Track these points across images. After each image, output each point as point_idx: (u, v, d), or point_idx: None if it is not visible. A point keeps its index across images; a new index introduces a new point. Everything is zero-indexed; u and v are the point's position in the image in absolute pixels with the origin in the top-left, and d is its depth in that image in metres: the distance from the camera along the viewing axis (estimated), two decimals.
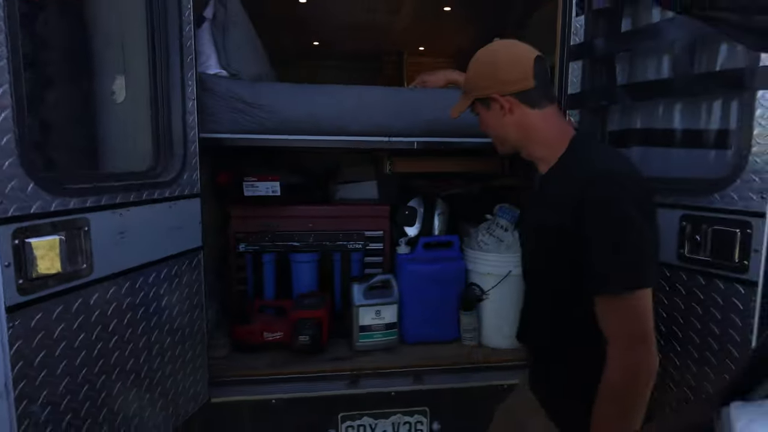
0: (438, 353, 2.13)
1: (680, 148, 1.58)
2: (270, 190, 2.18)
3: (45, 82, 1.47)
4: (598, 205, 1.06)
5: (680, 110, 1.60)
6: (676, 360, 1.49)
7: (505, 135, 1.30)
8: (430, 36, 3.60)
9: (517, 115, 1.25)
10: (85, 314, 1.23)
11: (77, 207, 1.18)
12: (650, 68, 1.66)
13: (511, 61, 1.24)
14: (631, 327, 1.05)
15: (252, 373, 1.95)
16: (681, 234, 1.45)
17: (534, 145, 1.28)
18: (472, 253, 2.20)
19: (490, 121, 1.31)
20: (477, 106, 1.33)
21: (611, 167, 1.11)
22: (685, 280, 1.46)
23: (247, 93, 1.83)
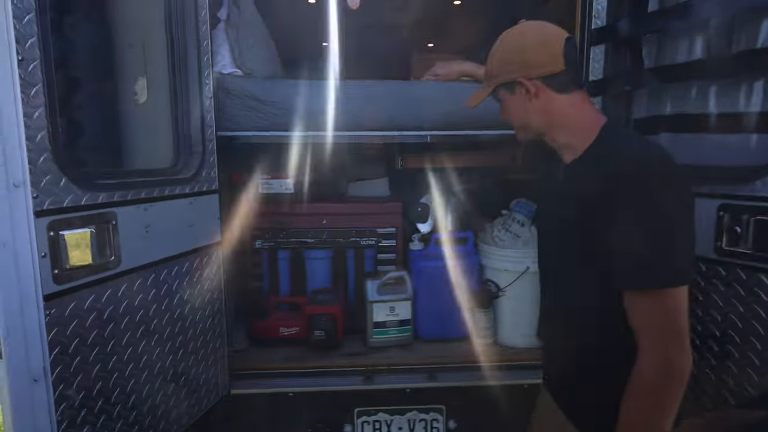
0: (453, 351, 2.13)
1: (716, 133, 1.50)
2: (284, 188, 2.22)
3: (73, 83, 1.53)
4: (633, 197, 1.02)
5: (716, 93, 1.51)
6: (713, 360, 1.42)
7: (528, 121, 1.25)
8: (440, 31, 3.59)
9: (542, 99, 1.20)
10: (114, 304, 1.28)
11: (106, 201, 1.23)
12: (681, 50, 1.58)
13: (540, 43, 1.19)
14: (665, 324, 1.02)
15: (270, 366, 1.99)
16: (718, 225, 1.36)
17: (559, 132, 1.22)
18: (488, 248, 2.21)
19: (514, 107, 1.25)
20: (500, 92, 1.27)
21: (647, 156, 1.07)
22: (723, 275, 1.37)
23: (260, 91, 1.87)
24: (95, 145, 1.57)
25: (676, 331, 1.02)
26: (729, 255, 1.35)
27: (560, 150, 1.26)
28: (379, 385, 1.95)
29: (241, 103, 1.88)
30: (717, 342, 1.41)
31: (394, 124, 1.96)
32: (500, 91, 1.27)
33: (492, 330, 2.20)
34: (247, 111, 1.88)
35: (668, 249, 1.01)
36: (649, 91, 1.70)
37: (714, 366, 1.43)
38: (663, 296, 1.02)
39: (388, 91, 1.96)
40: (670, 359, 1.01)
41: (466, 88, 1.98)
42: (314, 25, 3.31)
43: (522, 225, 2.18)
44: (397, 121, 1.96)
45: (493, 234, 2.23)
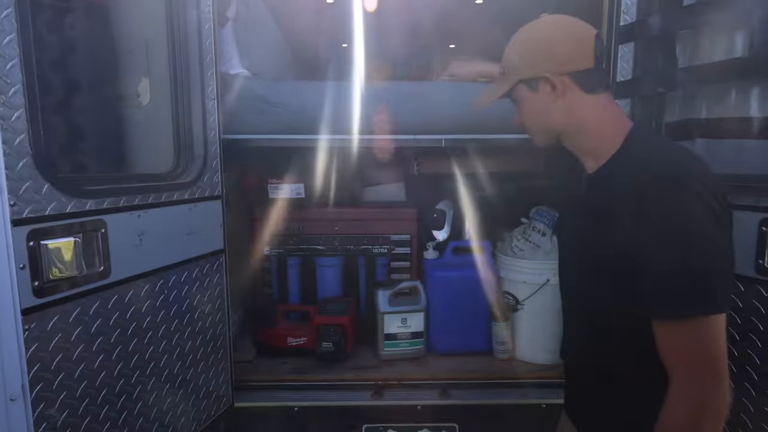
0: (468, 366, 2.04)
1: (758, 139, 1.39)
2: (294, 192, 2.15)
3: (71, 85, 1.48)
4: (664, 214, 0.91)
5: (758, 95, 1.40)
6: (753, 391, 1.30)
7: (551, 123, 1.13)
8: (461, 33, 3.50)
9: (569, 99, 1.09)
10: (103, 317, 1.21)
11: (94, 208, 1.17)
12: (719, 47, 1.47)
13: (570, 37, 1.09)
14: (699, 357, 0.91)
15: (275, 378, 1.93)
16: (760, 241, 1.25)
17: (583, 137, 1.12)
18: (506, 259, 2.09)
19: (536, 106, 1.13)
20: (520, 89, 1.14)
21: (680, 168, 0.95)
22: (765, 296, 1.26)
23: (268, 92, 1.80)
24: (92, 149, 1.52)
25: (711, 364, 0.91)
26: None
27: (582, 156, 1.15)
28: (389, 401, 1.86)
29: (248, 105, 1.81)
30: (757, 371, 1.29)
31: (407, 128, 1.86)
32: (520, 88, 1.14)
33: (509, 345, 2.09)
34: (254, 113, 1.82)
35: (703, 272, 0.90)
36: (683, 92, 1.57)
37: (753, 398, 1.30)
38: (697, 325, 0.90)
39: (401, 93, 1.86)
40: (705, 396, 0.90)
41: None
42: (330, 25, 3.25)
43: (542, 234, 2.05)
44: (411, 124, 1.86)
45: (512, 244, 2.11)
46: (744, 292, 1.30)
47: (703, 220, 0.90)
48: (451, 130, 1.89)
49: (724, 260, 0.93)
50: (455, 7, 2.95)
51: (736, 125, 1.43)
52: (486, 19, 3.14)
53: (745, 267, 1.27)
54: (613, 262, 1.01)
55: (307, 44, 3.64)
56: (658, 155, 1.00)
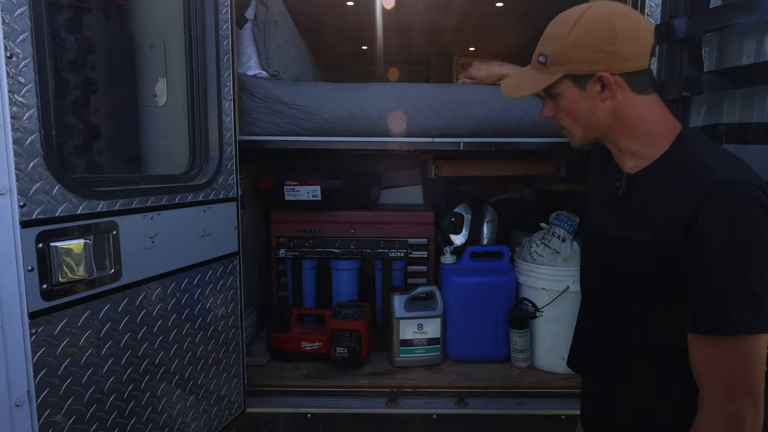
0: (485, 374, 1.98)
1: None
2: (311, 195, 2.12)
3: (89, 85, 1.47)
4: (723, 225, 0.85)
5: None
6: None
7: (594, 123, 1.05)
8: (481, 35, 3.45)
9: (618, 100, 1.01)
10: (113, 321, 1.19)
11: (106, 210, 1.15)
12: (748, 50, 1.41)
13: (633, 32, 0.98)
14: (739, 376, 0.86)
15: (288, 384, 1.90)
16: None
17: (628, 137, 1.04)
18: (525, 265, 2.03)
19: (580, 105, 1.04)
20: (563, 84, 1.04)
21: (743, 176, 0.88)
22: None
23: (285, 94, 1.77)
24: (107, 150, 1.51)
25: (750, 383, 0.85)
26: None
27: (622, 156, 1.08)
28: (404, 410, 1.81)
29: (265, 107, 1.78)
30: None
31: (426, 130, 1.82)
32: (564, 83, 1.04)
33: (528, 353, 2.02)
34: (271, 114, 1.79)
35: (756, 288, 0.84)
36: (709, 96, 1.51)
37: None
38: (743, 343, 0.85)
39: (420, 95, 1.82)
40: (741, 418, 0.85)
41: None
42: (349, 27, 3.23)
43: (563, 240, 1.99)
44: (429, 126, 1.81)
45: (531, 249, 2.05)
46: None
47: (765, 232, 0.84)
48: (469, 134, 1.83)
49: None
50: (475, 9, 2.90)
51: (764, 130, 1.37)
52: (506, 21, 3.09)
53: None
54: (654, 269, 0.95)
55: (326, 46, 3.63)
56: (716, 160, 0.93)
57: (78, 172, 1.36)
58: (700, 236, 0.87)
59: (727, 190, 0.86)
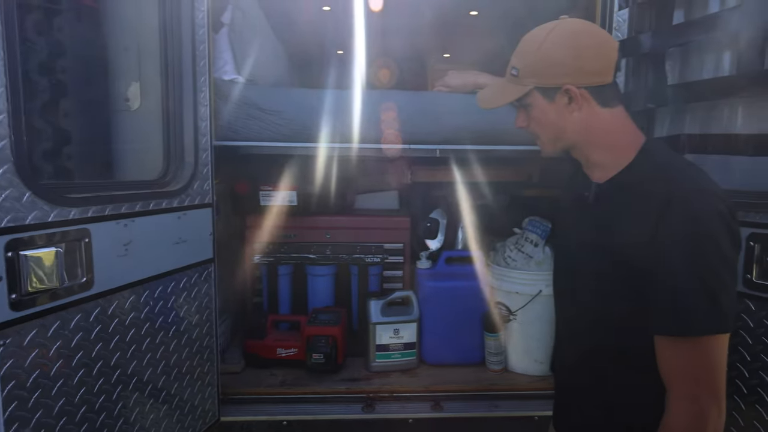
0: (460, 377, 2.00)
1: (747, 155, 1.41)
2: (287, 200, 2.11)
3: (60, 89, 1.44)
4: (684, 231, 0.90)
5: (745, 112, 1.43)
6: (742, 404, 1.32)
7: (562, 134, 1.10)
8: (456, 42, 3.50)
9: (584, 112, 1.06)
10: (84, 331, 1.16)
11: (78, 217, 1.12)
12: (707, 65, 1.51)
13: (599, 48, 1.04)
14: (702, 376, 0.91)
15: (263, 391, 1.88)
16: (748, 256, 1.28)
17: (595, 149, 1.09)
18: (498, 269, 2.07)
19: (548, 117, 1.09)
20: (533, 96, 1.09)
21: (703, 186, 0.94)
22: (753, 310, 1.28)
23: (261, 99, 1.76)
24: (79, 156, 1.47)
25: (713, 383, 0.90)
26: (759, 289, 1.27)
27: (590, 167, 1.13)
28: (380, 414, 1.82)
29: (242, 112, 1.77)
30: (745, 383, 1.31)
31: (402, 136, 1.83)
32: (534, 94, 1.09)
33: (502, 356, 2.06)
34: (247, 120, 1.78)
35: (719, 291, 0.89)
36: (672, 109, 1.59)
37: (743, 411, 1.32)
38: (706, 343, 0.90)
39: (397, 102, 1.83)
40: (705, 416, 0.90)
41: None
42: (326, 32, 3.23)
43: (535, 245, 2.03)
44: (406, 133, 1.83)
45: (505, 254, 2.09)
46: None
47: (723, 240, 0.89)
48: (445, 141, 1.86)
49: (735, 281, 0.93)
50: (450, 17, 2.95)
51: (724, 141, 1.46)
52: (480, 29, 3.15)
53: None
54: (621, 274, 0.99)
55: (303, 51, 3.62)
56: (679, 170, 0.99)
57: (48, 179, 1.33)
58: (663, 242, 0.91)
59: (689, 198, 0.91)
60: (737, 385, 1.32)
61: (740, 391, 1.32)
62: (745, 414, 1.31)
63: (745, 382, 1.30)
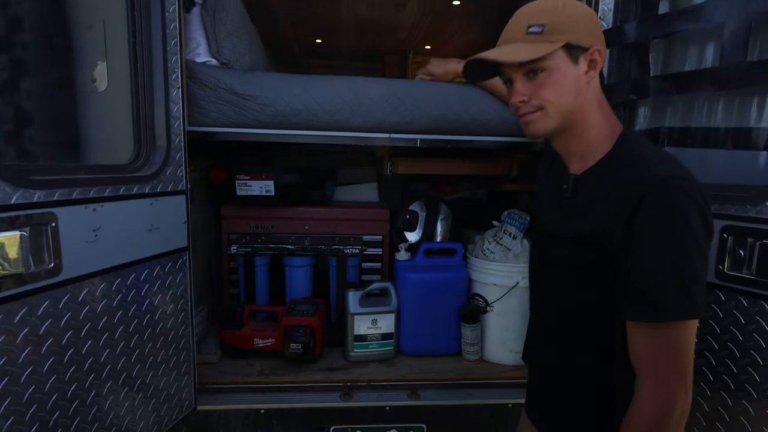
0: (437, 367, 2.02)
1: (724, 149, 1.41)
2: (264, 190, 2.08)
3: (20, 67, 1.38)
4: (660, 219, 0.90)
5: (725, 106, 1.44)
6: (708, 390, 1.35)
7: (573, 106, 1.02)
8: (438, 33, 3.49)
9: (592, 86, 1.03)
10: (53, 318, 1.13)
11: (43, 200, 1.08)
12: (691, 57, 1.50)
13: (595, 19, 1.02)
14: (670, 361, 0.92)
15: (240, 380, 1.86)
16: (721, 248, 1.29)
17: (588, 132, 1.05)
18: (477, 261, 2.08)
19: (568, 82, 1.00)
20: (556, 57, 0.99)
21: (676, 174, 0.93)
22: (723, 300, 1.30)
23: (237, 83, 1.72)
24: (43, 138, 1.42)
25: (681, 368, 0.92)
26: (730, 280, 1.29)
27: (569, 156, 1.12)
28: (358, 403, 1.82)
29: (216, 96, 1.73)
30: (712, 371, 1.34)
31: (382, 126, 1.82)
32: (559, 55, 0.99)
33: (478, 346, 2.08)
34: (222, 105, 1.74)
35: (687, 279, 0.90)
36: (654, 100, 1.59)
37: (708, 397, 1.35)
38: (673, 330, 0.91)
39: (377, 90, 1.82)
40: (673, 398, 0.92)
41: (463, 90, 1.86)
42: (304, 19, 3.19)
43: (513, 238, 2.05)
44: (386, 122, 1.82)
45: (483, 246, 2.11)
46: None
47: (698, 229, 0.90)
48: (426, 130, 1.86)
49: (706, 269, 0.94)
50: (432, 7, 2.93)
51: (702, 135, 1.47)
52: (463, 20, 3.14)
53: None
54: (593, 262, 1.00)
55: (279, 38, 3.57)
56: (656, 160, 0.98)
57: (10, 160, 1.27)
58: (638, 229, 0.92)
59: (666, 186, 0.91)
60: (704, 373, 1.35)
61: (707, 378, 1.35)
62: (710, 400, 1.35)
63: (712, 369, 1.34)
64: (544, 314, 1.23)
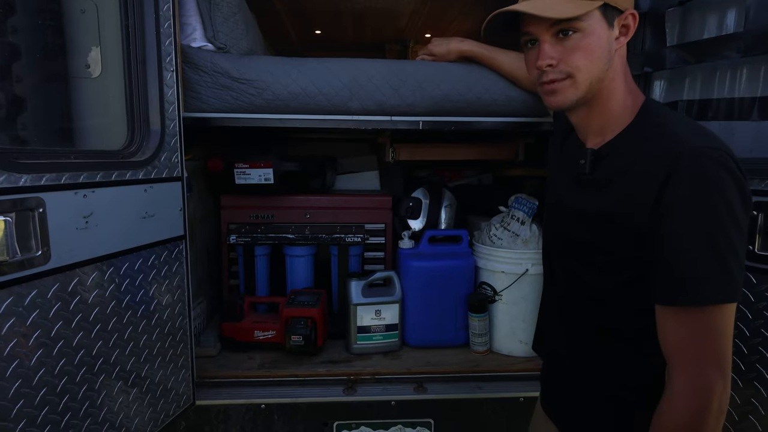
0: (443, 359, 1.96)
1: (750, 120, 1.33)
2: (263, 178, 2.03)
3: (12, 52, 1.32)
4: (694, 192, 0.82)
5: (750, 73, 1.34)
6: (739, 381, 1.27)
7: (603, 73, 0.95)
8: (438, 21, 3.43)
9: (620, 54, 0.97)
10: (41, 308, 1.08)
11: (30, 185, 1.03)
12: (710, 24, 1.41)
13: None
14: (708, 349, 0.84)
15: (240, 374, 1.81)
16: (751, 226, 1.19)
17: (611, 103, 0.98)
18: (484, 248, 2.02)
19: (602, 47, 0.93)
20: (592, 17, 0.92)
21: (709, 143, 0.84)
22: (755, 283, 1.21)
23: (234, 67, 1.66)
24: (35, 126, 1.36)
25: (720, 357, 0.84)
26: (763, 261, 1.19)
27: (587, 131, 1.04)
28: (362, 397, 1.77)
29: (212, 81, 1.67)
30: (743, 360, 1.26)
31: (383, 108, 1.76)
32: (595, 16, 0.92)
33: (487, 337, 2.02)
34: (218, 89, 1.68)
35: (727, 258, 0.82)
36: (671, 72, 1.52)
37: (741, 388, 1.27)
38: (712, 314, 0.83)
39: (377, 71, 1.75)
40: (710, 391, 0.83)
41: (466, 69, 1.80)
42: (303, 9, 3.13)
43: (522, 223, 1.99)
44: (387, 104, 1.76)
45: (490, 233, 2.04)
46: None
47: (735, 202, 0.82)
48: (429, 112, 1.79)
49: (745, 246, 0.86)
50: None
51: (726, 106, 1.39)
52: (463, 6, 3.08)
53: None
54: (620, 243, 0.93)
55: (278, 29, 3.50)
56: (684, 128, 0.89)
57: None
58: (670, 204, 0.84)
59: (699, 156, 0.83)
60: (735, 362, 1.26)
61: (738, 368, 1.26)
62: (742, 392, 1.27)
63: (743, 358, 1.26)
64: (559, 299, 1.16)
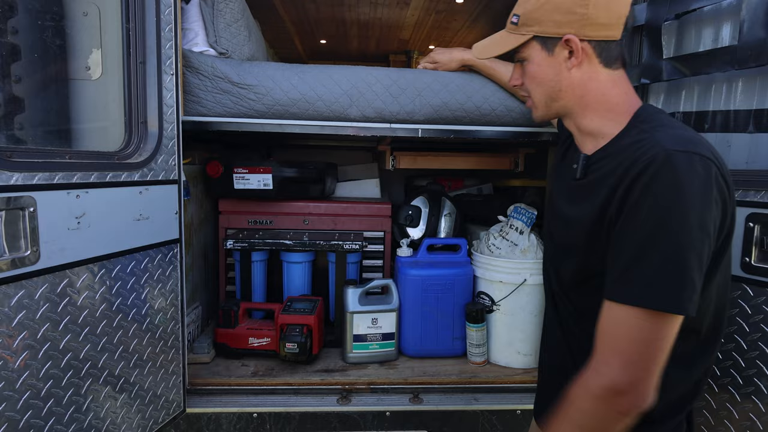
0: (440, 370, 1.93)
1: (746, 132, 1.32)
2: (262, 184, 2.01)
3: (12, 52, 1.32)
4: (663, 196, 0.80)
5: (746, 86, 1.35)
6: (738, 396, 1.25)
7: (558, 93, 1.00)
8: (441, 32, 3.44)
9: (584, 70, 0.97)
10: (28, 309, 1.06)
11: (21, 183, 1.02)
12: (706, 37, 1.42)
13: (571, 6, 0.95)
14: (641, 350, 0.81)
15: (233, 382, 1.78)
16: (747, 238, 1.19)
17: (590, 115, 1.00)
18: (483, 258, 2.00)
19: (545, 72, 1.00)
20: (531, 47, 1.01)
21: (684, 148, 0.82)
22: (751, 295, 1.20)
23: (234, 72, 1.66)
24: (33, 128, 1.36)
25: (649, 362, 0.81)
26: (758, 272, 1.18)
27: (582, 137, 1.04)
28: (357, 407, 1.74)
29: (212, 85, 1.67)
30: (741, 374, 1.23)
31: (383, 116, 1.75)
32: (533, 45, 1.01)
33: (484, 348, 1.99)
34: (218, 94, 1.68)
35: (680, 261, 0.79)
36: (668, 84, 1.51)
37: (738, 403, 1.24)
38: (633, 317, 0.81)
39: (378, 79, 1.75)
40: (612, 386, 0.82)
41: (465, 78, 1.79)
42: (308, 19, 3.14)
43: (520, 233, 1.97)
44: (386, 111, 1.75)
45: (489, 242, 2.02)
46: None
47: (708, 209, 0.80)
48: (428, 120, 1.78)
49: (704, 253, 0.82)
50: (435, 5, 2.88)
51: (722, 118, 1.38)
52: (466, 18, 3.09)
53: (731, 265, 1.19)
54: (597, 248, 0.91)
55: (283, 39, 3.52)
56: (667, 133, 0.88)
57: None
58: (634, 205, 0.83)
59: (668, 160, 0.81)
60: (732, 376, 1.25)
61: (736, 382, 1.24)
62: (740, 406, 1.24)
63: (741, 372, 1.23)
64: (557, 311, 1.14)
